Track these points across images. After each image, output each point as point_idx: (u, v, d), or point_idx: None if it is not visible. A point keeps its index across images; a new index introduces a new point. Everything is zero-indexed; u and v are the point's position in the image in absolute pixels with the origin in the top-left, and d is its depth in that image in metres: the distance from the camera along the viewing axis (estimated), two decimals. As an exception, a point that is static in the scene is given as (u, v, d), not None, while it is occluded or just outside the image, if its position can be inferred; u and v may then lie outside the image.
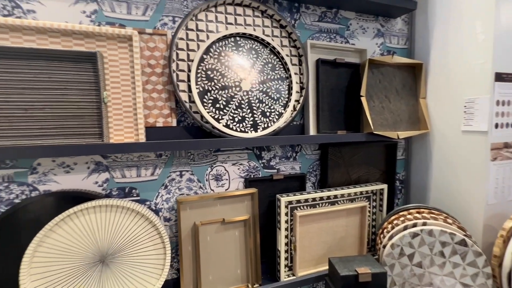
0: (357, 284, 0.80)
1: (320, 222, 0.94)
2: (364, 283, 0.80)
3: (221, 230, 0.83)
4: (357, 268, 0.81)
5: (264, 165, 0.93)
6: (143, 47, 0.74)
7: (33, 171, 0.69)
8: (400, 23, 1.10)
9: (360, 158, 1.04)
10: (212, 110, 0.79)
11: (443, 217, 0.87)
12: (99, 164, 0.74)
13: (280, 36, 0.88)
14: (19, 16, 0.66)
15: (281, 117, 0.86)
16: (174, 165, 0.82)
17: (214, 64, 0.79)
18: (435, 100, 1.02)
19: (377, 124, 0.99)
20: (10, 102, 0.61)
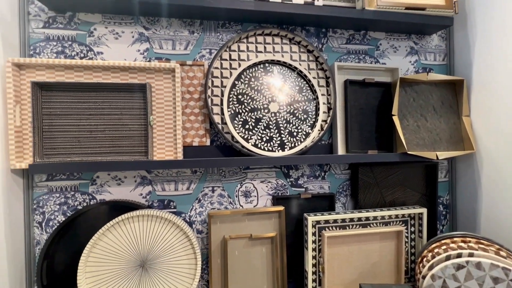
0: (390, 315, 0.74)
1: (351, 245, 0.91)
2: (399, 315, 0.74)
3: (248, 245, 0.86)
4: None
5: (292, 184, 0.95)
6: (183, 77, 0.86)
7: (93, 183, 0.82)
8: (437, 39, 1.06)
9: (395, 179, 0.99)
10: (242, 131, 0.85)
11: (495, 249, 0.78)
12: (144, 178, 0.85)
13: (307, 60, 0.93)
14: (91, 57, 0.82)
15: (308, 137, 0.89)
16: (207, 181, 0.89)
17: (245, 89, 0.87)
18: (480, 118, 0.94)
19: (413, 143, 0.95)
20: (80, 126, 0.76)
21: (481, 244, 0.80)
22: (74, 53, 0.81)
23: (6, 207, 0.69)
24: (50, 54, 0.80)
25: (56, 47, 0.80)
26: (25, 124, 0.74)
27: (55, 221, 0.80)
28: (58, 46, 0.81)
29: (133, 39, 0.85)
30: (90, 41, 0.82)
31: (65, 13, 0.81)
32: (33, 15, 0.80)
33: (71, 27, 0.81)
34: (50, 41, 0.80)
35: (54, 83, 0.74)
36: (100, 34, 0.83)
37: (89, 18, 0.82)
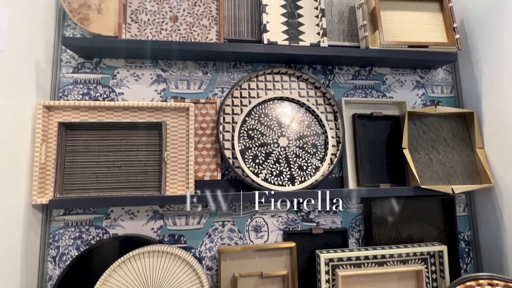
0: None
1: (367, 285, 0.86)
2: None
3: (259, 284, 0.84)
4: None
5: (303, 218, 0.93)
6: (197, 114, 0.90)
7: (107, 217, 0.84)
8: (442, 73, 1.08)
9: (411, 213, 0.96)
10: (252, 165, 0.87)
11: (526, 294, 0.72)
12: (156, 212, 0.87)
13: (315, 95, 0.96)
14: (113, 98, 0.89)
15: (318, 171, 0.89)
16: (218, 215, 0.89)
17: (255, 125, 0.90)
18: (495, 150, 0.92)
19: (426, 177, 0.93)
20: (99, 162, 0.80)
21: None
22: (98, 94, 0.89)
23: (24, 242, 0.72)
24: (76, 95, 0.87)
25: (83, 89, 0.88)
26: (49, 161, 0.78)
27: (69, 255, 0.81)
28: (84, 88, 0.88)
29: (152, 80, 0.92)
30: (113, 83, 0.90)
31: (93, 59, 0.90)
32: (64, 61, 0.88)
33: (97, 71, 0.90)
34: (78, 84, 0.88)
35: (78, 123, 0.80)
36: (122, 76, 0.90)
37: (113, 63, 0.91)
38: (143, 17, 0.88)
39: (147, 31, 0.88)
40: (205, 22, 0.91)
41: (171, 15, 0.89)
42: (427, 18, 0.99)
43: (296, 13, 0.96)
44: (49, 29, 0.86)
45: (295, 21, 0.95)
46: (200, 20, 0.91)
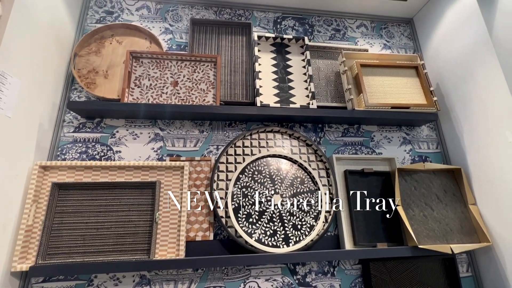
0: None
1: None
2: None
3: None
4: None
5: (299, 282, 0.88)
6: (191, 171, 0.92)
7: (90, 283, 0.79)
8: (426, 130, 1.15)
9: (412, 274, 0.91)
10: (245, 225, 0.85)
11: None
12: (143, 278, 0.81)
13: (307, 153, 1.00)
14: (110, 156, 0.91)
15: (313, 230, 0.87)
16: (209, 280, 0.84)
17: (248, 182, 0.91)
18: (488, 207, 0.93)
19: (423, 235, 0.91)
20: (88, 223, 0.78)
21: None
22: (95, 152, 0.91)
23: (-6, 317, 0.65)
24: (74, 154, 0.89)
25: (81, 148, 0.90)
26: (36, 222, 0.76)
27: (41, 331, 0.73)
28: (82, 147, 0.91)
29: (149, 139, 0.95)
30: (111, 142, 0.93)
31: (94, 119, 0.94)
32: (67, 122, 0.93)
33: (97, 131, 0.93)
34: (77, 143, 0.91)
35: (72, 183, 0.80)
36: (121, 135, 0.94)
37: (113, 122, 0.95)
38: (145, 82, 0.95)
39: (149, 94, 0.94)
40: (203, 86, 0.98)
41: (172, 81, 0.97)
42: (406, 83, 1.08)
43: (286, 78, 1.05)
44: (57, 93, 0.92)
45: (286, 85, 1.04)
46: (199, 85, 0.98)
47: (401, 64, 1.10)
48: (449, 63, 1.08)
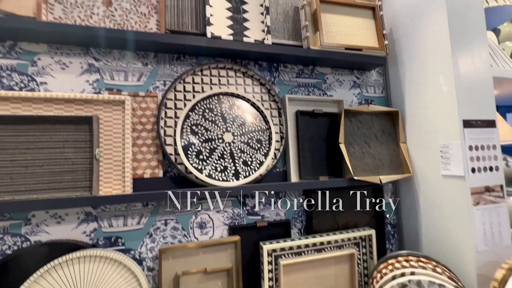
0: None
1: (307, 271, 0.92)
2: None
3: (203, 280, 0.83)
4: (343, 323, 0.77)
5: (248, 212, 0.95)
6: (136, 108, 0.85)
7: (27, 223, 0.75)
8: (375, 75, 1.20)
9: (347, 203, 1.05)
10: (195, 161, 0.85)
11: (432, 266, 0.84)
12: (89, 215, 0.80)
13: (260, 92, 0.98)
14: (33, 88, 0.78)
15: (262, 165, 0.92)
16: (160, 214, 0.86)
17: (199, 120, 0.88)
18: (415, 145, 1.06)
19: (359, 169, 1.02)
20: (14, 161, 0.70)
21: (421, 262, 0.86)
22: (13, 83, 0.77)
23: None
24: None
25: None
26: None
27: (-24, 270, 0.70)
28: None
29: (82, 70, 0.83)
30: (32, 71, 0.79)
31: (5, 42, 0.78)
32: (-34, 43, 0.75)
33: (12, 56, 0.78)
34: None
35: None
36: (44, 64, 0.80)
37: (32, 47, 0.79)
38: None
39: (75, 14, 0.79)
40: (144, 9, 0.85)
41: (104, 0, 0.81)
42: (362, 24, 1.07)
43: (241, 8, 0.96)
44: None
45: (240, 16, 0.95)
46: (138, 7, 0.84)
47: (360, 4, 1.07)
48: (405, 7, 1.08)
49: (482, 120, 0.91)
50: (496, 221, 0.88)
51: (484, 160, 0.89)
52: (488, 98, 0.93)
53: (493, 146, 0.91)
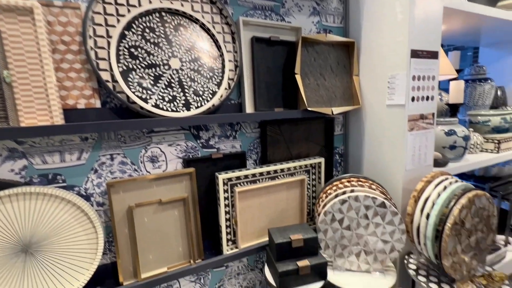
0: (291, 249, 0.86)
1: (261, 197, 0.99)
2: (298, 248, 0.87)
3: (159, 210, 0.84)
4: (291, 235, 0.87)
5: (203, 145, 0.93)
6: (53, 22, 0.68)
7: None
8: (336, 2, 1.13)
9: (300, 134, 1.09)
10: (138, 90, 0.76)
11: (369, 184, 0.96)
12: (14, 151, 0.69)
13: (210, 12, 0.86)
14: None
15: (214, 96, 0.86)
16: (104, 149, 0.79)
17: (138, 41, 0.76)
18: (366, 77, 1.09)
19: (313, 101, 1.04)
20: None
21: (360, 182, 0.98)
22: None
23: None
24: None
25: None
26: None
27: None
28: None
29: (-39, -38, 0.61)
30: None
31: None
32: None
33: None
34: None
35: None
36: None
37: None
38: None
39: None
40: None
41: None
42: None
43: None
44: None
45: None
46: None
47: None
48: None
49: (428, 51, 0.95)
50: (424, 144, 1.01)
51: (423, 90, 0.96)
52: (436, 29, 0.95)
53: (432, 77, 0.98)
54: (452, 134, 1.15)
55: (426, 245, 0.86)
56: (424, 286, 0.86)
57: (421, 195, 0.90)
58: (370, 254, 0.91)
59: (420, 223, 0.87)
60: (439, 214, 0.83)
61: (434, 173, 0.94)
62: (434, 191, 0.88)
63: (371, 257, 0.92)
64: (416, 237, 0.89)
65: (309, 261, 0.84)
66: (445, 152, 1.16)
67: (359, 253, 0.92)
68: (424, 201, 0.88)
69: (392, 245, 0.89)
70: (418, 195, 0.90)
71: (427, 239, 0.85)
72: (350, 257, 0.93)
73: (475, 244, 0.87)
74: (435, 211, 0.84)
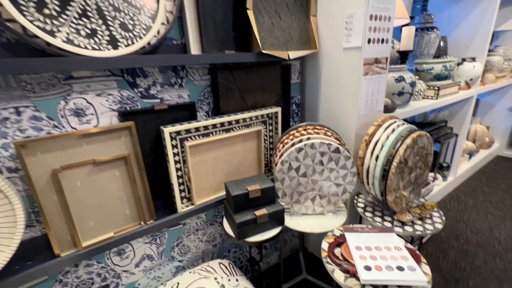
0: (248, 200, 0.84)
1: (216, 150, 0.92)
2: (255, 198, 0.85)
3: (94, 172, 0.72)
4: (248, 186, 0.85)
5: (142, 95, 0.79)
6: None
7: None
8: None
9: (255, 82, 1.00)
10: (38, 18, 0.57)
11: (324, 131, 0.96)
12: None
13: None
14: None
15: (149, 31, 0.71)
16: (3, 100, 0.61)
17: None
18: (323, 18, 1.01)
19: (268, 43, 0.94)
20: None
21: (316, 129, 0.97)
22: None
23: None
24: None
25: None
26: None
27: None
28: None
29: None
30: None
31: None
32: None
33: None
34: None
35: None
36: None
37: None
38: None
39: None
40: None
41: None
42: None
43: None
44: None
45: None
46: None
47: None
48: None
49: (386, -13, 0.89)
50: (377, 89, 1.02)
51: (379, 31, 0.93)
52: (395, -38, 0.88)
53: (388, 17, 0.94)
54: (401, 80, 1.19)
55: (374, 185, 0.92)
56: (370, 220, 0.95)
57: (372, 139, 0.92)
58: (324, 198, 0.95)
59: (370, 164, 0.91)
60: (387, 155, 0.87)
61: (384, 117, 0.97)
62: (383, 134, 0.91)
63: (325, 200, 0.96)
64: (366, 178, 0.94)
65: (266, 210, 0.84)
66: (393, 99, 1.21)
67: (314, 198, 0.95)
68: (374, 144, 0.91)
69: (344, 187, 0.94)
70: (369, 139, 0.93)
71: (375, 179, 0.90)
72: (306, 202, 0.96)
73: (414, 180, 0.96)
74: (383, 153, 0.88)
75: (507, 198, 1.86)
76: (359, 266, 0.71)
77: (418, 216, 0.93)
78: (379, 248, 0.78)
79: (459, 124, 1.81)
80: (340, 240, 0.84)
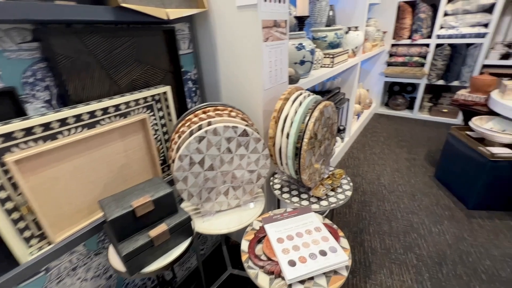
0: (136, 219, 0.61)
1: (76, 157, 0.62)
2: (147, 214, 0.63)
3: None
4: (134, 201, 0.61)
5: None
6: None
7: None
8: None
9: (126, 53, 0.72)
10: None
11: (228, 112, 0.79)
12: None
13: None
14: None
15: None
16: None
17: None
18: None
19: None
20: None
21: (218, 111, 0.79)
22: None
23: None
24: None
25: None
26: None
27: None
28: None
29: None
30: None
31: None
32: None
33: None
34: None
35: None
36: None
37: None
38: None
39: None
40: None
41: None
42: None
43: None
44: None
45: None
46: None
47: None
48: None
49: None
50: (279, 58, 0.91)
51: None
52: None
53: (283, -29, 0.81)
54: (302, 48, 1.12)
55: (287, 164, 0.84)
56: (288, 202, 0.88)
57: (280, 115, 0.82)
58: (238, 189, 0.82)
59: (282, 143, 0.82)
60: (297, 132, 0.79)
61: (290, 89, 0.88)
62: (291, 108, 0.82)
63: (240, 191, 0.82)
64: (279, 159, 0.86)
65: (166, 224, 0.64)
66: (296, 68, 1.15)
67: (227, 191, 0.80)
68: (283, 121, 0.82)
69: (258, 173, 0.82)
70: (278, 115, 0.82)
71: (288, 159, 0.82)
72: (219, 197, 0.80)
73: (323, 152, 0.94)
74: (293, 129, 0.79)
75: (385, 148, 2.25)
76: (283, 263, 0.62)
77: (330, 188, 0.92)
78: (301, 234, 0.71)
79: (349, 90, 2.00)
80: (261, 234, 0.73)
